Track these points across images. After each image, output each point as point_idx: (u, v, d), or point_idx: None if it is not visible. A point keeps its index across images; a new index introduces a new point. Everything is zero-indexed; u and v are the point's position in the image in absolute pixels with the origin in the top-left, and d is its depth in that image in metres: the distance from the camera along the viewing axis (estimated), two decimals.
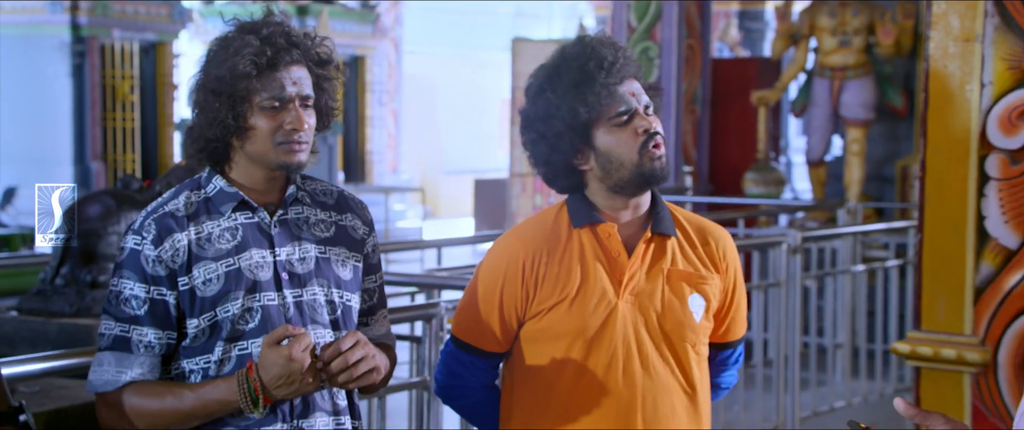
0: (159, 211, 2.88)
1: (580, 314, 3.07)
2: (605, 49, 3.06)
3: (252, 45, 2.81)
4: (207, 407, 2.81)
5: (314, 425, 2.91)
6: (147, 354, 2.85)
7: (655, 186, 3.12)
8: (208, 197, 2.91)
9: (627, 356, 3.07)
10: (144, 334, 2.84)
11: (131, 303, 2.84)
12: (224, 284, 2.84)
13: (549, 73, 3.09)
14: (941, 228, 4.79)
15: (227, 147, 2.89)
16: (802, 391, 7.57)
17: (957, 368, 4.62)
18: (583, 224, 3.10)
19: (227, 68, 2.79)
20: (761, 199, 11.78)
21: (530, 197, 12.94)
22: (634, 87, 3.07)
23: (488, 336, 3.14)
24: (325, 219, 3.01)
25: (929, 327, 4.79)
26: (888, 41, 11.44)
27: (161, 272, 2.83)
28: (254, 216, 2.91)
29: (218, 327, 2.85)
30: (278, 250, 2.91)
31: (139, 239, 2.85)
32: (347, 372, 2.77)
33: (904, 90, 11.71)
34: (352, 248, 3.01)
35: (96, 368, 2.88)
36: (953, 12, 4.66)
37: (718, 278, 3.16)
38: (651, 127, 3.05)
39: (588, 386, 3.08)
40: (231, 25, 2.89)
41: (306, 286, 2.92)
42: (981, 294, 4.63)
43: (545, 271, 3.09)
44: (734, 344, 3.29)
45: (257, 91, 2.82)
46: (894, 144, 12.29)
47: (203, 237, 2.87)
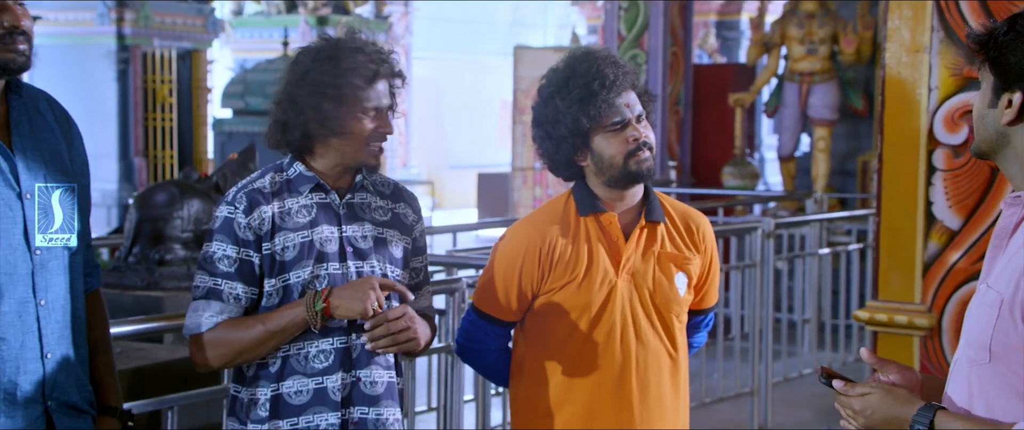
0: (249, 187, 2.98)
1: (587, 291, 3.17)
2: (608, 68, 3.14)
3: (361, 61, 2.92)
4: (279, 323, 2.90)
5: (371, 376, 3.00)
6: (235, 304, 2.94)
7: (637, 183, 3.20)
8: (289, 178, 2.99)
9: (624, 326, 3.19)
10: (234, 288, 2.94)
11: (224, 261, 2.93)
12: (299, 252, 2.93)
13: (559, 83, 3.18)
14: (895, 212, 4.90)
15: (317, 142, 2.98)
16: (775, 360, 7.61)
17: (908, 332, 4.73)
18: (588, 213, 3.20)
19: (344, 78, 2.90)
20: (738, 191, 11.76)
21: (530, 189, 12.83)
22: (630, 98, 3.16)
23: (505, 308, 3.23)
24: (383, 206, 3.09)
25: (885, 297, 4.88)
26: (850, 50, 11.49)
27: (250, 237, 2.93)
28: (326, 197, 3.00)
29: (289, 290, 2.93)
30: (345, 227, 3.00)
31: (232, 209, 2.94)
32: (392, 338, 2.89)
33: (864, 93, 11.74)
34: (404, 232, 3.10)
35: (191, 314, 2.98)
36: (905, 27, 4.76)
37: (699, 258, 3.27)
38: (640, 136, 3.14)
39: (591, 352, 3.19)
40: (326, 37, 3.00)
41: (366, 260, 3.01)
42: (929, 269, 4.73)
43: (558, 254, 3.18)
44: (707, 311, 3.41)
45: (361, 100, 2.93)
46: (856, 141, 12.31)
47: (284, 211, 2.95)
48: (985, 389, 2.22)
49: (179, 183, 5.72)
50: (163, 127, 13.99)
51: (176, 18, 14.27)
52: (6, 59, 2.63)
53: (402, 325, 2.90)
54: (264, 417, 2.96)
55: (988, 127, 2.26)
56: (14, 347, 2.60)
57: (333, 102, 2.92)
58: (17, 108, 2.70)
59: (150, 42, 13.96)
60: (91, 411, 2.81)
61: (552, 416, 3.22)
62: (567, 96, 3.15)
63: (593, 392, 3.20)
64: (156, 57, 13.96)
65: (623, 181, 3.17)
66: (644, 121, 3.19)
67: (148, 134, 13.86)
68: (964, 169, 4.68)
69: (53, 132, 2.77)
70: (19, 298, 2.61)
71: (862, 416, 2.34)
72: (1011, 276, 2.18)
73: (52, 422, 2.68)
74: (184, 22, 14.35)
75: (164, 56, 14.01)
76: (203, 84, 14.72)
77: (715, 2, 18.88)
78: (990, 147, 2.28)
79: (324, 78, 2.92)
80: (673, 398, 3.26)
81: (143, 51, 13.90)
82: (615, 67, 3.17)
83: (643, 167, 3.15)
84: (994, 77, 2.24)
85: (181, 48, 14.37)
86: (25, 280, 2.62)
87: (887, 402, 2.31)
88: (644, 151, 3.15)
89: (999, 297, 2.18)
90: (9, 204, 2.62)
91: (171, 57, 14.07)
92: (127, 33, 13.70)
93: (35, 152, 2.69)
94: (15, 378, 2.61)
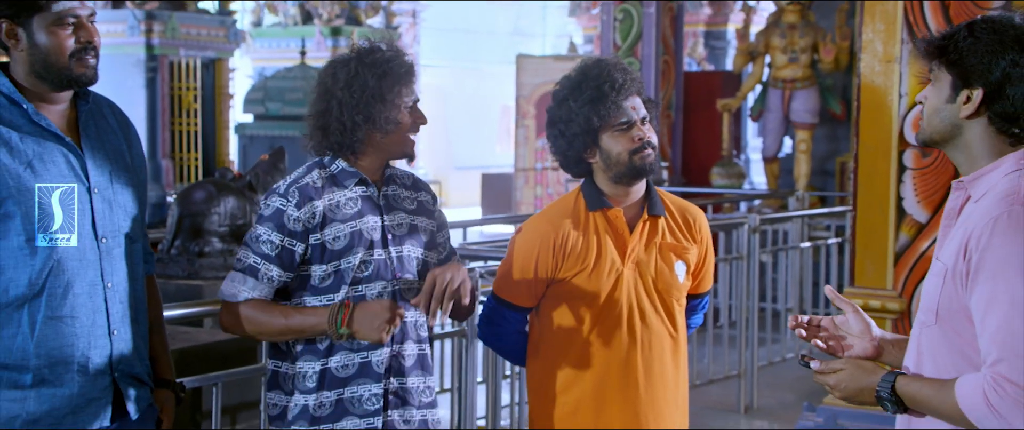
0: (300, 182, 3.05)
1: (597, 279, 3.22)
2: (617, 73, 3.22)
3: (395, 64, 3.03)
4: (301, 324, 2.99)
5: (406, 349, 3.10)
6: (268, 284, 3.02)
7: (645, 178, 3.25)
8: (333, 174, 3.07)
9: (630, 311, 3.24)
10: (270, 269, 3.01)
11: (267, 245, 3.01)
12: (349, 241, 3.02)
13: (573, 86, 3.24)
14: (870, 207, 5.02)
15: (360, 141, 3.06)
16: (760, 346, 7.65)
17: (881, 315, 4.85)
18: (596, 208, 3.25)
19: (386, 81, 3.02)
20: (725, 189, 11.79)
21: (532, 188, 12.77)
22: (636, 102, 3.23)
23: (522, 295, 3.28)
24: (409, 196, 3.18)
25: (860, 284, 5.02)
26: (829, 58, 11.50)
27: (298, 228, 3.00)
28: (367, 190, 3.09)
29: (341, 273, 3.01)
30: (386, 217, 3.09)
31: (285, 201, 3.02)
32: (442, 300, 2.95)
33: (842, 99, 11.73)
34: (429, 217, 3.19)
35: (228, 282, 3.07)
36: (878, 39, 4.87)
37: (696, 248, 3.33)
38: (644, 136, 3.21)
39: (600, 334, 3.24)
40: (354, 49, 3.09)
41: (404, 245, 3.10)
42: (900, 258, 4.87)
43: (570, 246, 3.23)
44: (703, 295, 3.46)
45: (402, 97, 3.04)
46: (834, 144, 12.33)
47: (334, 204, 3.03)
48: (933, 349, 2.37)
49: (216, 182, 5.76)
50: (188, 131, 14.02)
51: (200, 29, 14.29)
52: (80, 73, 2.76)
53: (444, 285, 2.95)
54: (311, 388, 3.04)
55: (944, 119, 2.39)
56: (86, 325, 2.72)
57: (379, 102, 3.01)
58: (85, 113, 2.83)
59: (177, 52, 13.98)
60: (149, 383, 2.91)
61: (565, 393, 3.27)
62: (580, 98, 3.22)
63: (602, 371, 3.25)
64: (182, 65, 13.97)
65: (628, 177, 3.23)
66: (648, 124, 3.25)
67: (174, 137, 13.85)
68: (931, 168, 4.81)
69: (115, 134, 2.89)
70: (89, 281, 2.72)
71: (838, 389, 2.48)
72: (954, 249, 2.33)
73: (118, 390, 2.79)
74: (208, 33, 14.36)
75: (189, 65, 14.02)
76: (225, 91, 14.73)
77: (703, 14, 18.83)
78: (942, 137, 2.42)
79: (368, 84, 3.02)
80: (674, 374, 3.32)
81: (170, 60, 13.92)
82: (623, 73, 3.23)
83: (646, 163, 3.21)
84: (952, 76, 2.37)
85: (205, 57, 14.38)
86: (94, 265, 2.73)
87: (857, 375, 2.45)
88: (647, 149, 3.21)
89: (944, 267, 2.34)
90: (80, 197, 2.73)
91: (196, 65, 14.09)
92: (155, 43, 13.74)
93: (101, 152, 2.81)
94: (87, 352, 2.72)
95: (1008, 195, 2.29)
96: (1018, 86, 2.32)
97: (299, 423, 3.05)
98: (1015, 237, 2.23)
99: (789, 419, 6.71)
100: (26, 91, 2.74)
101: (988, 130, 2.36)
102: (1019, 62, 2.31)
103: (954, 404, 2.26)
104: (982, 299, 2.24)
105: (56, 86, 2.76)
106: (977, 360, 2.30)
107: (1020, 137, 2.36)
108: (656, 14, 11.00)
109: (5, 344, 2.64)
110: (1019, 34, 2.32)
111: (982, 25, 2.35)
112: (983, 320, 2.24)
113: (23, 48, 2.73)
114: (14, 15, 2.72)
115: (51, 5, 2.71)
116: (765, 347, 8.14)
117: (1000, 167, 2.35)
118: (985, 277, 2.24)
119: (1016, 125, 2.34)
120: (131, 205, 2.87)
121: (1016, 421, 2.18)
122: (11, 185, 2.64)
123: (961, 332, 2.32)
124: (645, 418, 3.26)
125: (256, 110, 13.23)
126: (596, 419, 3.26)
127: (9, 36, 2.73)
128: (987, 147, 2.37)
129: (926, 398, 2.33)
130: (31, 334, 2.65)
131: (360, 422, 3.05)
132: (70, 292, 2.69)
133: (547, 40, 26.91)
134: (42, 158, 2.70)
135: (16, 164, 2.65)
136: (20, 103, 2.71)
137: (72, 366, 2.71)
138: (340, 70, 3.07)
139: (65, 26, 2.73)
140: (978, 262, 2.25)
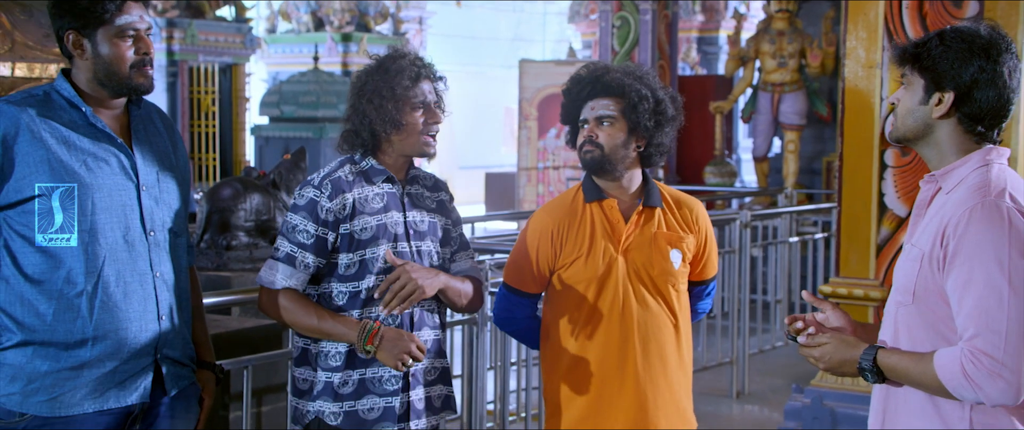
0: (333, 175, 3.13)
1: (592, 267, 3.29)
2: (587, 76, 3.35)
3: (405, 65, 3.13)
4: (331, 330, 3.06)
5: (422, 335, 3.17)
6: (304, 271, 3.09)
7: (588, 172, 3.35)
8: (363, 170, 3.15)
9: (626, 294, 3.30)
10: (306, 257, 3.09)
11: (303, 234, 3.08)
12: (375, 233, 3.10)
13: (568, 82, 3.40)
14: (853, 203, 5.10)
15: (382, 140, 3.15)
16: (751, 335, 7.74)
17: (864, 303, 4.97)
18: (592, 200, 3.33)
19: (395, 81, 3.11)
20: (718, 187, 11.84)
21: (534, 187, 12.73)
22: (599, 103, 3.31)
23: (529, 282, 3.38)
24: (430, 195, 3.26)
25: (845, 274, 5.10)
26: (816, 63, 11.55)
27: (330, 219, 3.08)
28: (393, 188, 3.17)
29: (365, 263, 3.09)
30: (408, 213, 3.17)
31: (318, 193, 3.10)
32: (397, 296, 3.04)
33: (828, 102, 11.75)
34: (446, 215, 3.28)
35: (267, 270, 3.14)
36: (861, 46, 4.94)
37: (692, 236, 3.38)
38: (591, 135, 3.30)
39: (598, 317, 3.31)
40: (375, 56, 3.19)
41: (423, 240, 3.19)
42: (881, 250, 4.95)
43: (566, 236, 3.32)
44: (708, 281, 3.51)
45: (411, 97, 3.13)
46: (821, 144, 12.37)
47: (363, 198, 3.11)
48: (909, 325, 2.51)
49: (242, 180, 5.81)
50: (207, 132, 14.04)
51: (218, 36, 14.34)
52: (139, 82, 2.88)
53: (400, 285, 3.06)
54: (337, 366, 3.12)
55: (917, 119, 2.53)
56: (138, 310, 2.84)
57: (389, 101, 3.10)
58: (136, 118, 2.95)
59: (196, 57, 14.02)
60: (192, 364, 3.03)
61: (570, 372, 3.34)
62: (565, 92, 3.40)
63: (602, 351, 3.31)
64: (201, 70, 14.02)
65: (584, 167, 3.36)
66: (604, 125, 3.30)
67: (193, 139, 13.87)
68: (910, 166, 4.89)
69: (162, 137, 3.01)
70: (140, 271, 2.84)
71: (822, 361, 2.60)
72: (929, 236, 2.47)
73: (160, 371, 2.91)
74: (225, 40, 14.42)
75: (208, 69, 14.07)
76: (242, 94, 14.75)
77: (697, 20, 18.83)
78: (915, 135, 2.55)
79: (378, 84, 3.11)
80: (675, 354, 3.36)
81: (189, 65, 13.95)
82: (594, 76, 3.34)
83: (586, 158, 3.31)
84: (925, 80, 2.50)
85: (222, 62, 14.42)
86: (144, 257, 2.85)
87: (840, 348, 2.57)
88: (588, 146, 3.31)
89: (921, 252, 2.47)
90: (131, 194, 2.86)
91: (214, 70, 14.13)
92: (176, 49, 13.77)
93: (149, 153, 2.93)
94: (138, 335, 2.84)
95: (980, 187, 2.43)
96: (985, 90, 2.46)
97: (323, 398, 3.13)
98: (989, 226, 2.37)
99: (779, 403, 6.76)
100: (86, 96, 2.87)
101: (957, 129, 2.50)
102: (986, 68, 2.45)
103: (933, 375, 2.40)
104: (959, 281, 2.38)
105: (115, 93, 2.89)
106: (950, 336, 2.44)
107: (984, 135, 2.51)
108: (652, 21, 11.02)
109: (67, 326, 2.77)
110: (985, 44, 2.47)
111: (952, 34, 2.49)
112: (960, 300, 2.38)
113: (88, 57, 2.86)
114: (81, 27, 2.84)
115: (115, 19, 2.83)
116: (756, 336, 8.21)
117: (969, 162, 2.49)
118: (961, 261, 2.38)
119: (981, 124, 2.49)
120: (176, 202, 2.98)
121: (989, 389, 2.33)
122: (68, 181, 2.76)
123: (936, 310, 2.46)
124: (642, 397, 3.31)
125: (271, 112, 13.28)
126: (598, 397, 3.32)
127: (75, 46, 2.86)
128: (955, 144, 2.51)
129: (905, 369, 2.46)
130: (90, 318, 2.78)
131: (380, 401, 3.12)
132: (123, 281, 2.81)
133: (547, 45, 26.80)
134: (96, 157, 2.82)
135: (73, 162, 2.77)
136: (79, 106, 2.84)
137: (123, 347, 2.82)
138: (364, 75, 3.17)
139: (126, 38, 2.85)
140: (955, 248, 2.39)
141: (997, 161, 2.49)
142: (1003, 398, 2.34)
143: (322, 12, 17.36)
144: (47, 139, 2.77)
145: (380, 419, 3.13)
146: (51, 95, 2.84)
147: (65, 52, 2.90)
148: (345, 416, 3.12)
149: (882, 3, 5.01)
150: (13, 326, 2.77)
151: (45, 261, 2.76)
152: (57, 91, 2.85)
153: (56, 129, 2.78)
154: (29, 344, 2.77)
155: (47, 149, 2.76)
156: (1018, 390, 2.33)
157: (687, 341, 3.40)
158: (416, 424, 3.16)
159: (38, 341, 2.76)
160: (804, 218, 9.96)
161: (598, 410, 3.33)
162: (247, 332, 4.55)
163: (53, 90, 2.86)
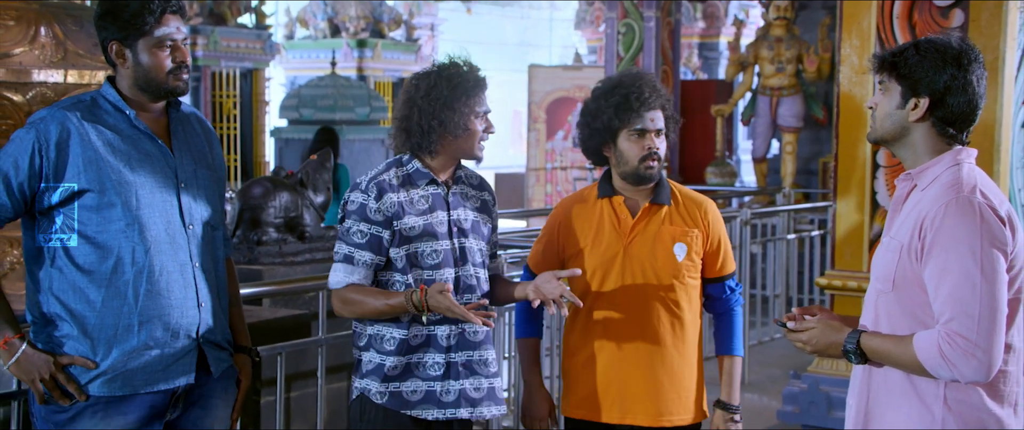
0: (378, 178, 3.20)
1: (596, 257, 3.36)
2: (646, 87, 3.33)
3: (470, 78, 3.17)
4: (396, 304, 3.11)
5: (469, 327, 3.23)
6: (364, 268, 3.17)
7: (645, 185, 3.35)
8: (409, 173, 3.22)
9: (628, 285, 3.36)
10: (364, 256, 3.17)
11: (358, 235, 3.16)
12: (421, 232, 3.17)
13: (608, 88, 3.36)
14: (848, 200, 5.17)
15: (437, 143, 3.18)
16: (751, 328, 7.73)
17: (857, 294, 5.01)
18: (604, 196, 3.40)
19: (463, 92, 3.16)
20: (719, 187, 11.79)
21: (542, 187, 12.77)
22: (656, 115, 3.32)
23: (542, 266, 3.43)
24: (475, 195, 3.31)
25: (840, 267, 5.18)
26: (812, 68, 11.51)
27: (379, 218, 3.15)
28: (438, 189, 3.23)
29: (414, 258, 3.17)
30: (452, 212, 3.23)
31: (365, 197, 3.17)
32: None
33: (825, 105, 11.73)
34: (489, 215, 3.34)
35: (332, 274, 3.23)
36: (854, 53, 5.01)
37: (699, 232, 3.38)
38: (653, 146, 3.31)
39: (602, 304, 3.38)
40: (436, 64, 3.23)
41: (467, 238, 3.24)
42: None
43: (575, 226, 3.40)
44: (728, 277, 3.48)
45: (475, 106, 3.19)
46: (817, 146, 12.31)
47: (409, 199, 3.18)
48: (889, 312, 2.63)
49: (271, 179, 5.87)
50: (229, 135, 14.09)
51: (239, 42, 14.39)
52: (176, 86, 3.01)
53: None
54: (390, 351, 3.20)
55: (894, 123, 2.65)
56: (179, 298, 2.95)
57: (451, 110, 3.16)
58: (175, 120, 3.08)
59: (218, 63, 14.09)
60: (229, 348, 3.13)
61: (579, 354, 3.41)
62: (610, 98, 3.33)
63: (603, 336, 3.37)
64: (223, 75, 14.07)
65: (633, 179, 3.35)
66: (662, 136, 3.34)
67: None
68: (901, 165, 4.97)
69: (199, 138, 3.13)
70: (181, 262, 2.96)
71: (809, 344, 2.71)
72: (907, 229, 2.59)
73: (203, 354, 3.03)
74: (246, 46, 14.46)
75: (229, 74, 14.12)
76: (262, 98, 14.80)
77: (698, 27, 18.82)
78: (892, 136, 2.67)
79: (445, 93, 3.17)
80: (678, 343, 3.39)
81: (212, 70, 14.01)
82: (652, 89, 3.33)
83: (650, 172, 3.33)
84: (902, 86, 2.62)
85: (243, 67, 14.46)
86: (184, 249, 2.96)
87: (826, 333, 2.69)
88: (653, 159, 3.33)
89: (900, 244, 2.59)
90: (171, 190, 2.98)
91: (235, 75, 14.18)
92: (199, 55, 13.83)
93: (187, 153, 3.06)
94: (180, 321, 2.96)
95: (954, 184, 2.56)
96: (957, 96, 2.59)
97: (372, 377, 3.22)
98: (962, 219, 2.49)
99: (777, 391, 6.79)
100: (128, 100, 3.00)
101: (930, 132, 2.63)
102: (957, 76, 2.58)
103: (912, 355, 2.52)
104: (936, 270, 2.50)
105: (155, 97, 3.02)
106: (927, 320, 2.56)
107: (955, 137, 2.64)
108: (656, 28, 11.00)
109: (115, 312, 2.89)
110: (957, 54, 2.60)
111: (926, 45, 2.62)
112: (937, 287, 2.50)
113: (129, 65, 2.99)
114: (123, 38, 2.98)
115: (154, 30, 2.96)
116: (755, 328, 8.22)
117: (941, 161, 2.62)
118: (938, 252, 2.50)
119: (953, 127, 2.62)
120: (213, 198, 3.10)
121: (964, 367, 2.46)
122: (114, 178, 2.89)
123: (913, 297, 2.58)
124: (641, 386, 3.35)
125: (291, 115, 13.33)
126: (602, 376, 3.38)
127: (118, 56, 2.99)
128: (929, 146, 2.64)
129: (887, 351, 2.59)
130: (136, 305, 2.90)
131: (422, 384, 3.20)
132: (165, 270, 2.93)
133: (553, 50, 26.82)
134: (139, 156, 2.94)
135: (117, 161, 2.90)
136: (123, 110, 2.96)
137: (167, 332, 2.94)
138: (422, 81, 3.22)
139: (164, 48, 2.98)
140: (932, 239, 2.52)
141: (967, 161, 2.62)
142: (976, 376, 2.47)
143: (338, 19, 17.40)
144: (95, 141, 2.89)
145: (422, 402, 3.20)
146: (98, 100, 2.97)
147: (109, 60, 3.02)
148: (390, 396, 3.20)
149: (875, 12, 5.06)
150: (66, 314, 2.89)
151: (95, 252, 2.88)
152: (103, 96, 2.98)
153: (102, 132, 2.91)
154: (85, 337, 2.89)
155: (95, 150, 2.88)
156: (989, 368, 2.45)
157: (693, 332, 3.42)
158: (457, 412, 3.22)
159: (90, 328, 2.88)
160: (801, 216, 9.95)
161: (602, 395, 3.38)
162: (278, 321, 4.62)
163: (100, 95, 2.99)
